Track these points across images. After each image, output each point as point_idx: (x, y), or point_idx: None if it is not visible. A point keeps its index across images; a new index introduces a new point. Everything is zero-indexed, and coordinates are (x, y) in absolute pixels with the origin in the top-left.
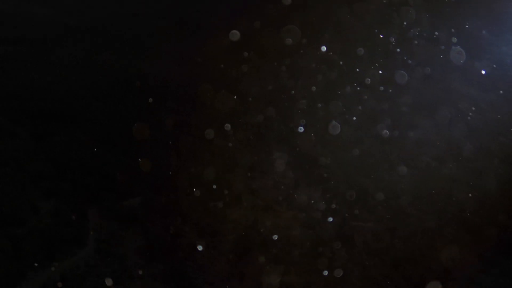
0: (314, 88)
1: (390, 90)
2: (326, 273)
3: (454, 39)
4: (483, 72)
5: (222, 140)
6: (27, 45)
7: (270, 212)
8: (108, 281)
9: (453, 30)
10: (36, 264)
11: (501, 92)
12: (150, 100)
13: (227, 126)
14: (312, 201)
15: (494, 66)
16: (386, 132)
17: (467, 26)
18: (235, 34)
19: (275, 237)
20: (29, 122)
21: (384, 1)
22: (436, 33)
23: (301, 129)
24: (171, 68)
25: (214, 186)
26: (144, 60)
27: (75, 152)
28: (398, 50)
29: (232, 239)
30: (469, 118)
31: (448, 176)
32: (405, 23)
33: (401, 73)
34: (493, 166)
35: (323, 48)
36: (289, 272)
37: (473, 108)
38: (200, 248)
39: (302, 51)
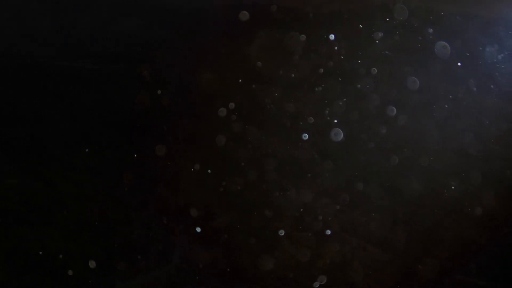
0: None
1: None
2: None
3: (430, 30)
4: (459, 64)
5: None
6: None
7: (361, 252)
8: (92, 264)
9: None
10: (121, 274)
11: (472, 81)
12: (159, 91)
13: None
14: (412, 244)
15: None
16: None
17: (442, 13)
18: (245, 15)
19: (281, 232)
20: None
21: None
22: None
23: (305, 136)
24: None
25: (303, 219)
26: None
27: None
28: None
29: (316, 275)
30: (446, 106)
31: None
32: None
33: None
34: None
35: (332, 37)
36: None
37: (451, 96)
38: (198, 229)
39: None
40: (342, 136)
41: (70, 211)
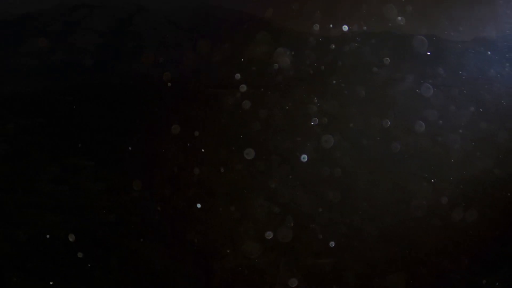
0: None
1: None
2: None
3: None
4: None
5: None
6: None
7: None
8: (71, 237)
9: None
10: None
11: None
12: (169, 84)
13: None
14: None
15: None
16: None
17: None
18: None
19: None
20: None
21: None
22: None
23: (304, 157)
24: None
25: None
26: None
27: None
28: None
29: None
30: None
31: None
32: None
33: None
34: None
35: (345, 28)
36: None
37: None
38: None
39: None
40: (332, 142)
41: (178, 230)
